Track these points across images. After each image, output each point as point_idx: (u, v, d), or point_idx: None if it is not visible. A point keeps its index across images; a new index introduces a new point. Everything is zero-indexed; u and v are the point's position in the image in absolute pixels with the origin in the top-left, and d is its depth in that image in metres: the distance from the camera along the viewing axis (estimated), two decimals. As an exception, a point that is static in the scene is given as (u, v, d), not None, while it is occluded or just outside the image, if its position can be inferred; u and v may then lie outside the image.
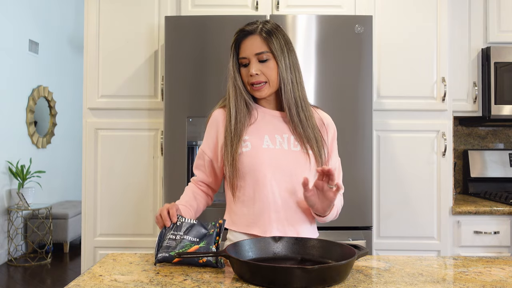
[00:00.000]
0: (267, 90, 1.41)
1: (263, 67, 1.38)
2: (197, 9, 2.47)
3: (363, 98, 2.20)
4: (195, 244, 1.25)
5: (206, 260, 1.21)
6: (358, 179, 2.19)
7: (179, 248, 1.24)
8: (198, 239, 1.26)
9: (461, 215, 2.47)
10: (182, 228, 1.29)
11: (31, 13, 5.16)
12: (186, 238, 1.27)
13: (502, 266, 1.28)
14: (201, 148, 1.51)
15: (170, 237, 1.28)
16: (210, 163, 1.49)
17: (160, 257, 1.24)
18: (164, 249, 1.25)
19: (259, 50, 1.38)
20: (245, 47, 1.40)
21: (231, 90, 1.42)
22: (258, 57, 1.38)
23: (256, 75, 1.38)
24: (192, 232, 1.28)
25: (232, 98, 1.41)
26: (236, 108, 1.40)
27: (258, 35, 1.39)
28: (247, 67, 1.40)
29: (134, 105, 2.42)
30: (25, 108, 5.11)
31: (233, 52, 1.42)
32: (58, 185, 5.87)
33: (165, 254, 1.24)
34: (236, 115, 1.40)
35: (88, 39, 2.43)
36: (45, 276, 4.24)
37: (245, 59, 1.40)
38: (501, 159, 3.00)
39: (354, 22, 2.21)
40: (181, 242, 1.26)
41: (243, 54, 1.40)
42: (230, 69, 1.42)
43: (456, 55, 2.72)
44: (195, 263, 1.23)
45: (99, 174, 2.42)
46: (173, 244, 1.26)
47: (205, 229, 1.29)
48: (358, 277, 1.15)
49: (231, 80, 1.42)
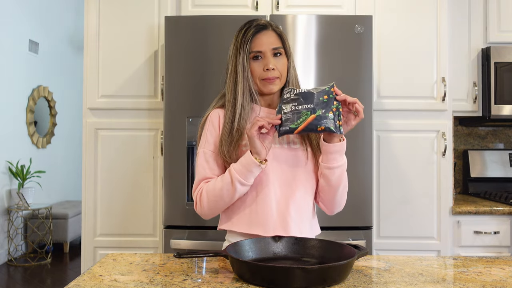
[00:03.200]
0: (278, 85, 1.41)
1: (277, 62, 1.39)
2: (197, 9, 2.47)
3: (363, 98, 2.20)
4: (312, 113, 1.24)
5: (324, 127, 1.24)
6: (358, 179, 2.19)
7: (297, 119, 1.25)
8: (313, 106, 1.25)
9: (461, 215, 2.47)
10: (294, 99, 1.28)
11: (31, 13, 5.16)
12: (301, 107, 1.26)
13: (502, 266, 1.28)
14: (204, 150, 1.42)
15: (285, 110, 1.28)
16: (218, 159, 1.41)
17: (282, 130, 1.27)
18: (284, 122, 1.27)
19: (276, 45, 1.40)
20: (261, 41, 1.39)
21: (240, 85, 1.38)
22: (274, 52, 1.39)
23: (272, 69, 1.38)
24: (307, 100, 1.27)
25: (239, 94, 1.38)
26: (242, 104, 1.38)
27: (273, 31, 1.42)
28: (260, 61, 1.39)
29: (134, 105, 2.42)
30: (25, 108, 5.12)
31: (245, 46, 1.38)
32: (58, 185, 5.87)
33: (286, 128, 1.26)
34: (241, 111, 1.38)
35: (88, 39, 2.43)
36: (45, 276, 4.24)
37: (260, 52, 1.39)
38: (501, 159, 3.00)
39: (354, 22, 2.21)
40: (298, 113, 1.26)
41: (258, 47, 1.39)
42: (240, 63, 1.38)
43: (456, 55, 2.72)
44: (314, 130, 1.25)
45: (99, 174, 2.42)
46: (291, 117, 1.26)
47: (318, 94, 1.27)
48: (358, 277, 1.15)
49: (242, 74, 1.38)
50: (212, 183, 1.37)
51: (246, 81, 1.38)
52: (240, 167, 1.32)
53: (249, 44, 1.38)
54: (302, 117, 1.24)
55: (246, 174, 1.31)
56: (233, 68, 1.40)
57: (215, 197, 1.36)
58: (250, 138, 1.29)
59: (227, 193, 1.34)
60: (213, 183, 1.37)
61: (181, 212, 2.21)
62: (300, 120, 1.24)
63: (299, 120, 1.24)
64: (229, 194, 1.34)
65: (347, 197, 1.48)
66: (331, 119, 1.24)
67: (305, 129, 1.24)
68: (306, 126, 1.24)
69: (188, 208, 2.20)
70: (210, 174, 1.40)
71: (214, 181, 1.37)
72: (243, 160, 1.32)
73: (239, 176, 1.31)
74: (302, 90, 1.29)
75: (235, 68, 1.39)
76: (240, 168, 1.31)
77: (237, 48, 1.40)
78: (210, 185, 1.37)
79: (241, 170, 1.31)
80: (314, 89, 1.29)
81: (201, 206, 1.39)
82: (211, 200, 1.37)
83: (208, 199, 1.37)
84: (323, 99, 1.26)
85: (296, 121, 1.25)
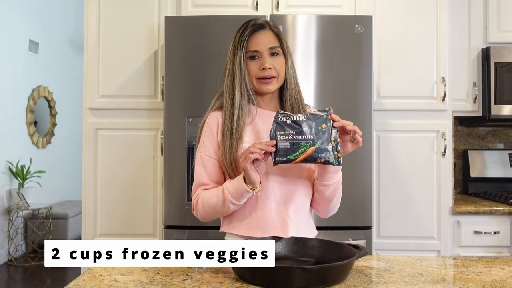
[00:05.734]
0: (276, 85, 1.41)
1: (274, 62, 1.39)
2: (197, 9, 2.47)
3: (363, 98, 2.20)
4: (311, 145, 1.21)
5: (324, 160, 1.22)
6: (358, 179, 2.19)
7: (295, 150, 1.22)
8: (312, 138, 1.22)
9: (461, 215, 2.47)
10: (291, 126, 1.23)
11: (31, 13, 5.16)
12: (300, 137, 1.22)
13: (502, 266, 1.28)
14: (201, 155, 1.41)
15: (282, 137, 1.23)
16: (215, 163, 1.42)
17: (279, 160, 1.23)
18: (281, 152, 1.23)
19: (273, 44, 1.39)
20: (258, 41, 1.39)
21: (237, 84, 1.38)
22: (271, 51, 1.39)
23: (269, 69, 1.37)
24: (305, 128, 1.23)
25: (237, 93, 1.38)
26: (240, 104, 1.37)
27: (270, 30, 1.41)
28: (256, 61, 1.39)
29: (134, 105, 2.42)
30: (25, 108, 5.11)
31: (242, 45, 1.38)
32: (58, 185, 5.87)
33: (283, 158, 1.23)
34: (239, 111, 1.37)
35: (88, 39, 2.44)
36: (45, 276, 4.24)
37: (257, 52, 1.39)
38: (501, 159, 3.00)
39: (354, 22, 2.21)
40: (296, 144, 1.22)
41: (255, 47, 1.38)
42: (238, 63, 1.38)
43: (456, 55, 2.72)
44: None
45: (99, 174, 2.42)
46: (288, 147, 1.22)
47: (317, 123, 1.23)
48: (358, 277, 1.15)
49: (239, 74, 1.38)
50: (207, 196, 1.38)
51: (243, 80, 1.38)
52: (233, 190, 1.32)
53: (246, 44, 1.38)
54: (301, 148, 1.22)
55: (238, 198, 1.33)
56: (231, 68, 1.39)
57: (210, 209, 1.38)
58: (245, 171, 1.28)
59: (221, 209, 1.37)
60: (208, 196, 1.37)
61: (181, 212, 2.21)
62: (299, 152, 1.22)
63: (297, 152, 1.22)
64: (223, 210, 1.37)
65: (347, 197, 1.48)
66: (330, 152, 1.22)
67: (304, 161, 1.23)
68: (305, 158, 1.22)
69: (188, 208, 2.21)
70: (207, 179, 1.41)
71: (210, 194, 1.37)
72: (236, 185, 1.31)
73: (232, 198, 1.32)
74: (299, 117, 1.24)
75: (233, 67, 1.39)
76: (232, 192, 1.32)
77: (234, 48, 1.40)
78: (205, 197, 1.38)
79: (233, 193, 1.32)
80: (311, 115, 1.25)
81: (197, 213, 1.42)
82: (205, 211, 1.39)
83: (203, 209, 1.39)
84: (321, 128, 1.23)
85: (295, 152, 1.22)
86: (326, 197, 1.41)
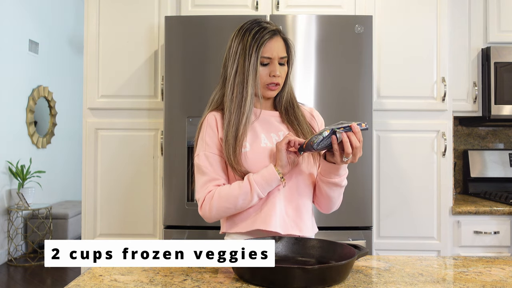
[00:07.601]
0: (277, 92, 1.44)
1: (281, 70, 1.41)
2: (197, 9, 2.47)
3: (363, 98, 2.20)
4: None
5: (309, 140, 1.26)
6: (358, 179, 2.19)
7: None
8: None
9: (461, 215, 2.47)
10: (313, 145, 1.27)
11: (31, 13, 5.16)
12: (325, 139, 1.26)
13: (502, 266, 1.28)
14: (205, 153, 1.40)
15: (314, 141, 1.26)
16: (221, 161, 1.40)
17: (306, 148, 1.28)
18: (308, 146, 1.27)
19: (283, 54, 1.40)
20: (272, 47, 1.38)
21: (250, 88, 1.37)
22: (280, 60, 1.40)
23: (278, 76, 1.39)
24: None
25: (249, 98, 1.37)
26: (250, 107, 1.38)
27: (281, 38, 1.42)
28: (267, 67, 1.39)
29: (134, 105, 2.42)
30: (25, 108, 5.11)
31: (258, 50, 1.37)
32: (58, 185, 5.87)
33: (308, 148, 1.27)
34: (248, 113, 1.38)
35: (88, 39, 2.43)
36: (45, 276, 4.24)
37: (269, 59, 1.39)
38: (501, 159, 3.00)
39: (354, 22, 2.21)
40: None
41: (268, 53, 1.38)
42: (252, 67, 1.36)
43: (456, 55, 2.72)
44: None
45: (99, 174, 2.42)
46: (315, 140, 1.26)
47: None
48: (358, 277, 1.15)
49: (252, 78, 1.37)
50: (226, 189, 1.35)
51: (257, 85, 1.38)
52: (261, 180, 1.32)
53: (262, 48, 1.37)
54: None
55: (265, 188, 1.32)
56: (241, 69, 1.38)
57: (228, 204, 1.34)
58: (279, 150, 1.30)
59: (243, 202, 1.34)
60: (228, 189, 1.35)
61: (181, 212, 2.21)
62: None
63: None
64: (244, 204, 1.34)
65: (347, 197, 1.49)
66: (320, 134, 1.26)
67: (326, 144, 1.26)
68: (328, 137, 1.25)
69: (188, 208, 2.20)
70: (217, 175, 1.38)
71: (230, 187, 1.35)
72: (265, 174, 1.32)
73: (259, 189, 1.32)
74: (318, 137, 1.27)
75: (243, 69, 1.37)
76: (260, 181, 1.32)
77: (245, 49, 1.37)
78: (224, 191, 1.35)
79: (261, 183, 1.32)
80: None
81: (210, 209, 1.36)
82: (222, 206, 1.35)
83: (219, 204, 1.35)
84: None
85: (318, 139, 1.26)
86: (326, 194, 1.42)
